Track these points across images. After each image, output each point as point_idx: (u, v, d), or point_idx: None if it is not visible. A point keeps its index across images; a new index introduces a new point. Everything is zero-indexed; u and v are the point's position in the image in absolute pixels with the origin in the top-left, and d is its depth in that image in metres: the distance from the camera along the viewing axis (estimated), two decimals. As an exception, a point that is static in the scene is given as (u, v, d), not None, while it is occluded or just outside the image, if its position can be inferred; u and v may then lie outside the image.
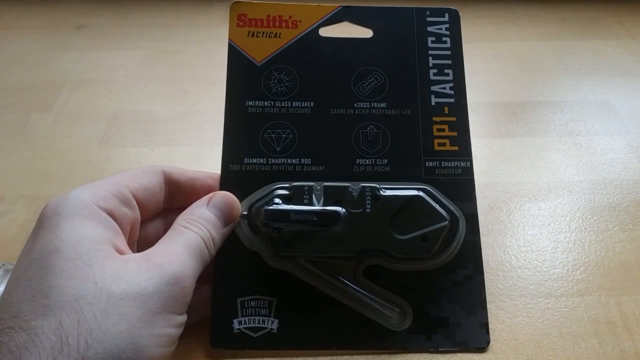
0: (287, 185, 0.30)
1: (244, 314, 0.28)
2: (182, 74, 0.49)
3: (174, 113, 0.44)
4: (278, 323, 0.28)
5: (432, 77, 0.32)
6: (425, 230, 0.29)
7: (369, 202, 0.29)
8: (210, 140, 0.41)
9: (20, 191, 0.37)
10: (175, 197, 0.29)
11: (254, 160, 0.31)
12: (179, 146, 0.41)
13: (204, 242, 0.26)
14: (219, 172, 0.30)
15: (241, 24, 0.33)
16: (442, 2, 0.58)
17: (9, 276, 0.31)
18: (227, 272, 0.29)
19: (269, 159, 0.31)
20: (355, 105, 0.32)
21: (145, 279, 0.22)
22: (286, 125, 0.31)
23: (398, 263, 0.29)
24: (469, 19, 0.56)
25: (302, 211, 0.28)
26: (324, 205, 0.29)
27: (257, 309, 0.28)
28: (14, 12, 0.57)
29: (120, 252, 0.23)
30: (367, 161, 0.31)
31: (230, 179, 0.30)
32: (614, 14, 0.57)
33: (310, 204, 0.29)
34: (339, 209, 0.29)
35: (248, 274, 0.29)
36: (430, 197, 0.29)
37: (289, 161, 0.31)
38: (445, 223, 0.29)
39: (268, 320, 0.28)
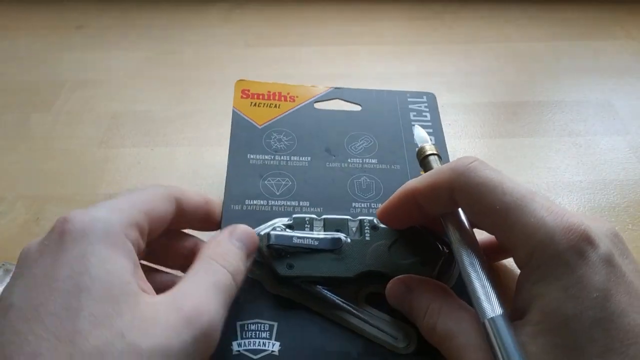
0: (288, 218, 0.31)
1: (244, 336, 0.27)
2: (182, 74, 0.49)
3: (174, 113, 0.44)
4: (280, 345, 0.27)
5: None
6: (423, 254, 0.29)
7: (368, 231, 0.30)
8: (210, 141, 0.41)
9: (20, 191, 0.38)
10: (173, 223, 0.28)
11: (255, 202, 0.32)
12: (179, 146, 0.41)
13: (234, 279, 0.25)
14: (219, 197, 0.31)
15: (244, 96, 0.38)
16: (443, 1, 0.59)
17: (8, 276, 0.31)
18: None
19: (269, 201, 0.32)
20: (349, 160, 0.35)
21: (175, 334, 0.21)
22: (285, 175, 0.34)
23: None
24: (469, 19, 0.56)
25: (305, 236, 0.29)
26: (329, 234, 0.30)
27: (257, 332, 0.28)
28: (14, 12, 0.57)
29: (144, 290, 0.22)
30: (363, 204, 0.33)
31: (232, 218, 0.31)
32: (614, 15, 0.57)
33: (312, 233, 0.30)
34: (340, 234, 0.30)
35: (248, 301, 0.29)
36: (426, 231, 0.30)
37: (289, 203, 0.32)
38: (443, 249, 0.29)
39: (269, 342, 0.27)
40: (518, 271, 0.23)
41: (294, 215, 0.31)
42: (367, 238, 0.30)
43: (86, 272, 0.21)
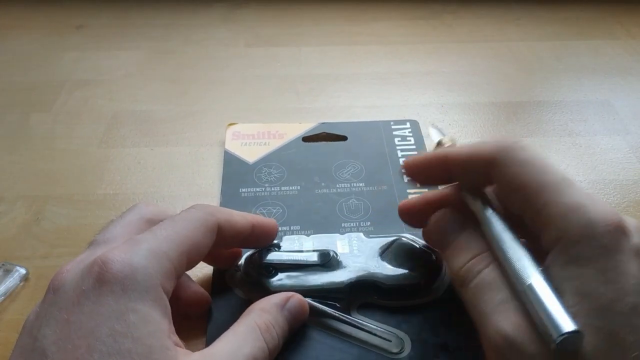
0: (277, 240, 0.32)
1: None
2: (182, 74, 0.49)
3: (174, 113, 0.44)
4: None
5: (402, 163, 0.36)
6: (414, 266, 0.30)
7: (356, 245, 0.31)
8: (210, 141, 0.41)
9: (20, 191, 0.38)
10: (211, 250, 0.27)
11: None
12: (179, 146, 0.41)
13: (270, 355, 0.24)
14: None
15: (235, 138, 0.40)
16: (442, 1, 0.59)
17: (8, 276, 0.31)
18: (220, 318, 0.29)
19: None
20: (337, 186, 0.37)
21: None
22: (276, 204, 0.35)
23: (389, 297, 0.29)
24: (469, 19, 0.56)
25: (294, 253, 0.30)
26: (317, 249, 0.31)
27: None
28: (14, 12, 0.57)
29: (177, 344, 0.22)
30: (352, 224, 0.34)
31: None
32: (614, 14, 0.57)
33: (301, 250, 0.31)
34: (329, 249, 0.30)
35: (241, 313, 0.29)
36: (421, 241, 0.31)
37: (280, 228, 0.32)
38: (432, 257, 0.30)
39: None
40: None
41: (284, 237, 0.32)
42: (356, 251, 0.31)
43: (128, 333, 0.20)
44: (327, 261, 0.30)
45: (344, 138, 0.40)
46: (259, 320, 0.25)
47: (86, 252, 0.24)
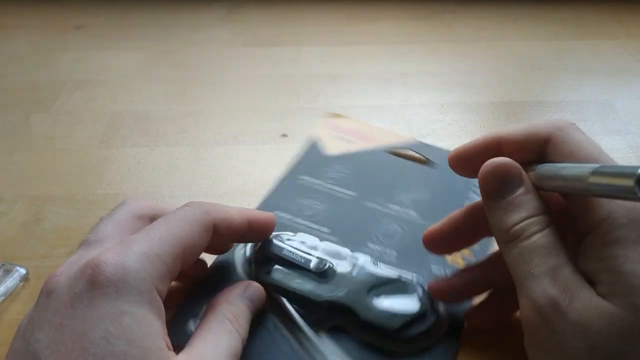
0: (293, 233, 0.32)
1: None
2: (182, 74, 0.49)
3: (174, 113, 0.44)
4: None
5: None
6: (398, 310, 0.28)
7: (357, 269, 0.30)
8: (210, 141, 0.41)
9: (20, 191, 0.37)
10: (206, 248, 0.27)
11: (282, 215, 0.34)
12: (179, 146, 0.41)
13: (242, 342, 0.25)
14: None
15: (332, 129, 0.41)
16: (442, 1, 0.58)
17: (8, 276, 0.31)
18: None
19: (295, 218, 0.34)
20: (389, 206, 0.35)
21: None
22: (323, 201, 0.35)
23: (360, 330, 0.28)
24: (468, 19, 0.56)
25: (296, 252, 0.30)
26: (319, 256, 0.30)
27: None
28: (14, 12, 0.57)
29: (167, 346, 0.22)
30: (377, 247, 0.32)
31: None
32: (614, 14, 0.57)
33: (309, 252, 0.30)
34: (328, 261, 0.30)
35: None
36: (420, 288, 0.29)
37: (311, 225, 0.33)
38: (417, 312, 0.28)
39: None
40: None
41: (299, 233, 0.32)
42: (354, 274, 0.29)
43: (122, 336, 0.20)
44: (321, 272, 0.29)
45: (429, 162, 0.38)
46: (228, 314, 0.25)
47: (78, 253, 0.24)
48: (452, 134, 0.42)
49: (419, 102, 0.45)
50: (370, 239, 0.33)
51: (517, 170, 0.24)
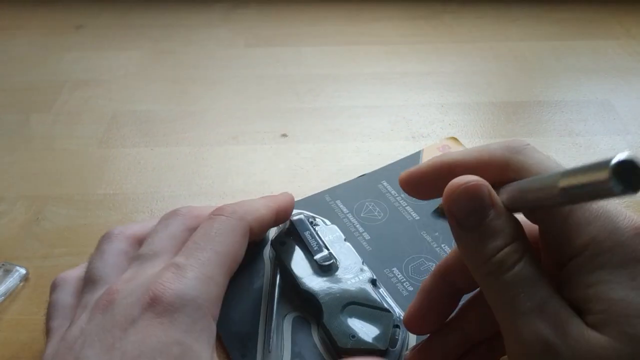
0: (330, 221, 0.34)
1: None
2: (182, 74, 0.49)
3: (174, 113, 0.44)
4: None
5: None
6: (360, 334, 0.27)
7: (356, 280, 0.30)
8: (210, 141, 0.41)
9: (20, 191, 0.38)
10: None
11: (340, 206, 0.35)
12: (179, 146, 0.41)
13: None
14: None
15: (440, 149, 0.40)
16: (442, 1, 0.58)
17: (8, 276, 0.31)
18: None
19: (349, 214, 0.35)
20: (442, 245, 0.33)
21: None
22: (384, 211, 0.35)
23: (318, 333, 0.28)
24: (469, 19, 0.56)
25: (316, 237, 0.31)
26: (332, 252, 0.31)
27: None
28: (14, 12, 0.57)
29: None
30: (393, 278, 0.31)
31: (317, 201, 0.36)
32: (614, 14, 0.57)
33: (326, 244, 0.31)
34: (334, 260, 0.30)
35: None
36: (398, 330, 0.28)
37: (356, 226, 0.34)
38: (376, 347, 0.27)
39: None
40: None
41: (332, 224, 0.33)
42: (347, 283, 0.29)
43: None
44: (321, 265, 0.30)
45: None
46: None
47: (134, 268, 0.25)
48: (452, 134, 0.42)
49: (419, 102, 0.45)
50: (399, 266, 0.32)
51: (487, 189, 0.21)
